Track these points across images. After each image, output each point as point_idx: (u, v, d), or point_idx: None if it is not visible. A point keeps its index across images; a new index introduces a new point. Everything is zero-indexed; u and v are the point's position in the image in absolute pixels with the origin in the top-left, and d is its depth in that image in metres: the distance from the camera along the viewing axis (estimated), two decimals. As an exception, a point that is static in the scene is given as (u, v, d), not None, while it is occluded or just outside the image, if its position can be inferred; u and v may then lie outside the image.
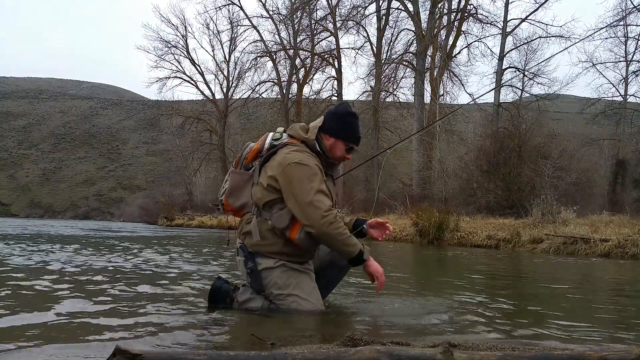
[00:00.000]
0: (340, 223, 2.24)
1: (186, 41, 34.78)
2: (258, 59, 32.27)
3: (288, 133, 2.48)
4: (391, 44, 26.56)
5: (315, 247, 2.41)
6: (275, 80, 32.30)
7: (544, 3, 21.59)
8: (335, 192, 2.47)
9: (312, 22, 29.54)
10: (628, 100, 22.63)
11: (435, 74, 23.59)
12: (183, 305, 2.56)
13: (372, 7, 26.34)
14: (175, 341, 1.80)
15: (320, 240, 2.28)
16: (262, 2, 30.89)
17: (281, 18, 30.89)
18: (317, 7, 29.41)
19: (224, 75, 36.03)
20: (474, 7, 23.74)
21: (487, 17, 23.18)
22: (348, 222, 2.57)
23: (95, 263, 4.52)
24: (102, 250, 6.20)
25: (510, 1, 22.28)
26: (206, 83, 36.22)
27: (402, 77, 26.51)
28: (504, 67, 22.94)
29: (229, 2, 32.05)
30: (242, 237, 2.45)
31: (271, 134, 2.50)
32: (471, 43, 24.01)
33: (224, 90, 36.23)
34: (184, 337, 1.85)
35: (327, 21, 28.84)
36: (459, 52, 24.95)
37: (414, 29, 24.13)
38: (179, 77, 35.38)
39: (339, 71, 29.02)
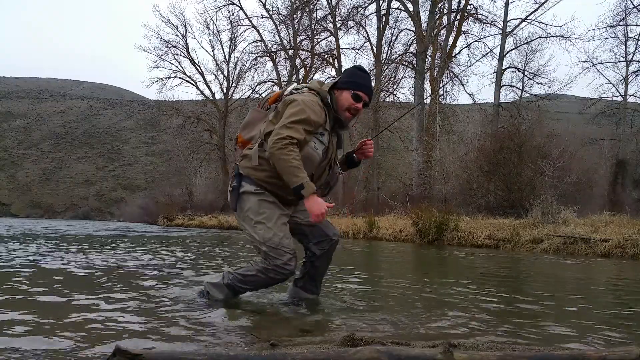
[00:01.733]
0: (292, 154, 2.31)
1: (186, 41, 34.82)
2: (258, 59, 32.30)
3: (307, 86, 2.62)
4: (391, 44, 26.57)
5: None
6: (275, 80, 32.30)
7: (544, 3, 21.58)
8: (332, 151, 2.60)
9: (312, 22, 29.54)
10: (628, 100, 22.62)
11: (435, 74, 23.58)
12: (183, 305, 2.55)
13: (372, 7, 26.35)
14: (175, 341, 1.80)
15: (272, 160, 2.38)
16: (262, 2, 30.92)
17: (281, 18, 30.91)
18: (317, 7, 29.42)
19: (224, 75, 36.07)
20: (474, 7, 23.75)
21: (487, 17, 23.19)
22: (342, 156, 2.78)
23: (95, 262, 4.52)
24: (106, 248, 6.21)
25: (510, 1, 22.29)
26: (206, 83, 36.26)
27: (402, 77, 26.53)
28: (504, 67, 22.94)
29: (229, 2, 32.07)
30: (239, 159, 2.62)
31: (294, 84, 2.68)
32: (471, 43, 24.01)
33: (224, 90, 36.26)
34: (184, 337, 1.85)
35: (327, 21, 28.85)
36: (459, 52, 24.95)
37: (414, 29, 24.13)
38: (179, 77, 35.42)
39: (339, 71, 29.01)
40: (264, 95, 33.49)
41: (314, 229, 2.63)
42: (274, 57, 31.66)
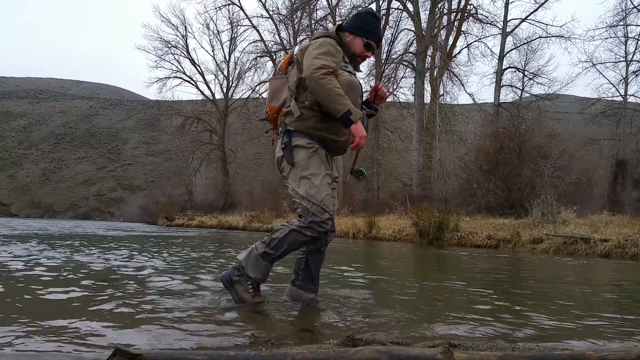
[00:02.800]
0: (334, 82, 2.31)
1: (186, 41, 34.85)
2: (258, 59, 32.31)
3: (314, 37, 2.59)
4: (391, 44, 26.54)
5: (357, 106, 2.49)
6: (276, 80, 32.25)
7: (544, 3, 21.59)
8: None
9: (312, 22, 29.53)
10: (628, 100, 22.62)
11: (435, 74, 23.59)
12: (183, 305, 2.55)
13: (372, 7, 26.34)
14: (175, 341, 1.80)
15: (313, 93, 2.37)
16: (262, 2, 30.93)
17: (281, 18, 30.90)
18: (317, 7, 29.40)
19: (224, 75, 36.08)
20: (474, 7, 23.75)
21: (487, 17, 23.19)
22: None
23: (97, 262, 4.52)
24: (107, 248, 6.21)
25: (510, 1, 22.30)
26: (206, 83, 36.29)
27: (402, 77, 26.51)
28: (504, 67, 22.94)
29: (229, 2, 32.08)
30: (283, 117, 2.58)
31: (299, 45, 2.66)
32: (471, 43, 24.02)
33: (224, 90, 36.28)
34: (184, 337, 1.85)
35: (327, 21, 28.82)
36: (459, 52, 24.95)
37: (414, 29, 24.13)
38: (179, 77, 35.45)
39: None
40: (264, 95, 33.62)
41: None
42: (274, 57, 31.65)
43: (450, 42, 24.17)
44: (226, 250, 7.32)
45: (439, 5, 23.79)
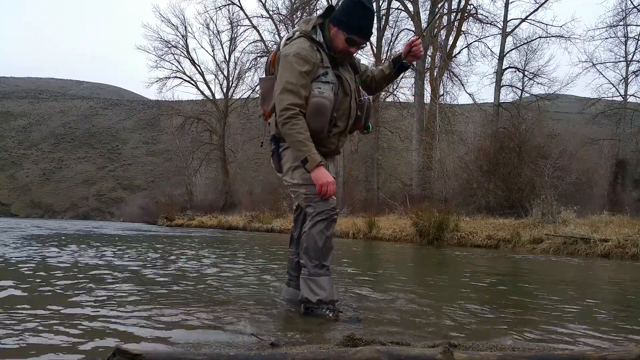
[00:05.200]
0: (296, 127, 2.28)
1: (186, 41, 34.84)
2: (258, 59, 32.28)
3: (298, 30, 2.47)
4: (391, 44, 26.56)
5: (324, 130, 2.39)
6: (276, 80, 32.26)
7: (544, 3, 21.59)
8: (350, 83, 2.47)
9: (312, 22, 29.51)
10: (628, 100, 22.61)
11: (435, 74, 23.58)
12: (183, 304, 2.55)
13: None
14: (175, 341, 1.80)
15: (281, 134, 2.38)
16: (262, 2, 30.92)
17: (281, 18, 30.88)
18: (317, 7, 29.39)
19: (224, 75, 36.08)
20: (474, 7, 23.76)
21: (487, 17, 23.19)
22: (382, 68, 2.65)
23: (98, 261, 4.52)
24: (109, 248, 6.21)
25: (510, 1, 22.30)
26: (206, 83, 36.29)
27: (402, 77, 26.49)
28: (504, 67, 22.95)
29: (229, 2, 32.08)
30: (270, 126, 2.56)
31: (286, 36, 2.54)
32: (471, 43, 24.01)
33: (224, 90, 36.28)
34: (183, 337, 1.85)
35: (327, 21, 28.81)
36: (459, 52, 24.94)
37: (414, 29, 24.13)
38: (179, 77, 35.45)
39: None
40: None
41: None
42: (274, 57, 31.62)
43: (450, 42, 24.18)
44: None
45: (439, 5, 23.79)
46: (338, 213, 2.41)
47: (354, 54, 2.51)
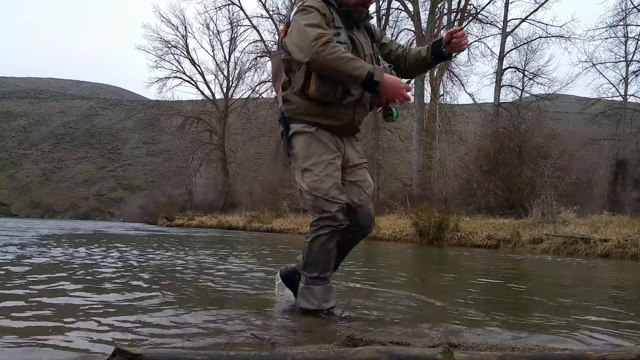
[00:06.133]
0: (337, 47, 2.06)
1: (186, 41, 34.86)
2: (258, 59, 32.32)
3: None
4: (391, 44, 26.56)
5: (336, 94, 2.20)
6: (276, 80, 32.27)
7: (544, 3, 21.60)
8: (364, 48, 2.31)
9: (312, 22, 29.52)
10: (628, 100, 22.63)
11: (435, 74, 23.59)
12: (183, 304, 2.56)
13: (372, 7, 26.30)
14: (175, 341, 1.80)
15: (321, 72, 2.12)
16: (262, 2, 30.94)
17: (281, 18, 30.88)
18: (317, 7, 29.42)
19: (224, 75, 36.10)
20: (474, 7, 23.77)
21: (487, 17, 23.21)
22: (419, 50, 2.42)
23: (99, 260, 4.52)
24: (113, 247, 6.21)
25: (510, 1, 22.32)
26: (206, 83, 36.31)
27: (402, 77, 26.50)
28: (504, 67, 22.96)
29: (229, 2, 32.09)
30: (278, 104, 2.41)
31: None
32: (471, 43, 24.01)
33: (224, 90, 36.30)
34: (184, 337, 1.85)
35: (327, 21, 28.83)
36: (459, 52, 24.95)
37: (414, 29, 24.14)
38: (179, 77, 35.48)
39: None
40: (264, 95, 33.64)
41: (349, 211, 2.29)
42: (274, 57, 31.64)
43: (450, 42, 24.16)
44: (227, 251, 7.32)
45: (439, 5, 23.80)
46: (344, 226, 2.24)
47: (367, 11, 2.35)
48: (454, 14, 24.39)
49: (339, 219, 2.20)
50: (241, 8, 33.32)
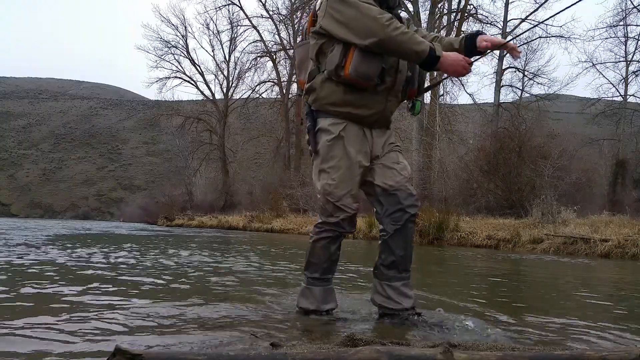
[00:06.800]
0: (401, 24, 1.98)
1: (186, 41, 34.88)
2: (258, 59, 32.36)
3: None
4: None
5: (373, 77, 2.07)
6: (275, 80, 32.35)
7: (544, 3, 21.61)
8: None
9: (312, 22, 29.51)
10: (628, 100, 22.64)
11: (435, 74, 23.57)
12: (183, 304, 2.56)
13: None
14: (175, 341, 1.80)
15: (382, 49, 2.01)
16: (262, 2, 30.96)
17: (281, 18, 30.94)
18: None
19: (224, 76, 36.11)
20: (474, 7, 23.77)
21: (487, 17, 23.22)
22: (451, 42, 2.27)
23: (101, 259, 4.52)
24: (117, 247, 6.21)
25: (510, 1, 22.33)
26: (206, 83, 36.32)
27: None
28: (504, 67, 22.97)
29: (229, 2, 32.11)
30: (306, 96, 2.27)
31: None
32: (471, 43, 23.99)
33: (224, 90, 36.31)
34: (184, 337, 1.86)
35: (327, 21, 28.81)
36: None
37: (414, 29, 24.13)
38: (179, 77, 35.49)
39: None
40: (264, 95, 33.64)
41: (388, 197, 2.17)
42: (274, 57, 31.69)
43: (450, 42, 24.18)
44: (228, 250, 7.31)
45: (439, 5, 23.80)
46: (348, 231, 2.21)
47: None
48: (454, 14, 24.39)
49: (343, 227, 2.18)
50: (241, 8, 33.36)
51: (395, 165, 2.25)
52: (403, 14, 2.23)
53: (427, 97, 23.63)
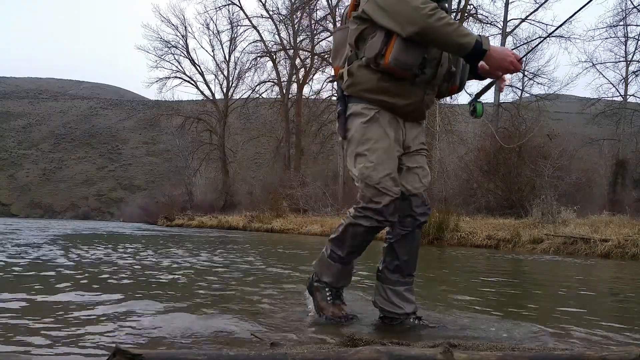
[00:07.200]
0: (444, 13, 1.89)
1: (186, 41, 34.87)
2: (258, 59, 32.34)
3: None
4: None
5: (413, 67, 1.99)
6: (275, 80, 32.35)
7: (544, 3, 21.62)
8: None
9: (312, 22, 29.55)
10: (628, 100, 22.65)
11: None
12: (183, 304, 2.56)
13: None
14: (175, 341, 1.80)
15: (425, 40, 1.93)
16: (262, 2, 30.94)
17: (281, 18, 30.92)
18: (317, 7, 29.41)
19: (224, 76, 36.10)
20: (474, 7, 23.76)
21: (487, 17, 23.22)
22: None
23: (103, 259, 4.52)
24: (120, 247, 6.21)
25: (510, 1, 22.33)
26: (206, 83, 36.31)
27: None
28: (503, 67, 22.93)
29: (229, 2, 32.08)
30: (339, 80, 2.18)
31: None
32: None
33: (224, 90, 36.31)
34: (184, 337, 1.85)
35: (327, 21, 28.84)
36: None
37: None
38: (179, 77, 35.48)
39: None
40: (264, 95, 33.63)
41: (402, 200, 2.10)
42: (274, 57, 31.68)
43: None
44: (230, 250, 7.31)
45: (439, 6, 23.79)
46: (390, 221, 2.08)
47: None
48: (454, 14, 24.37)
49: (385, 215, 2.03)
50: (241, 8, 33.34)
51: (419, 170, 2.19)
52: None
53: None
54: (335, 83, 2.26)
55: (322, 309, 2.22)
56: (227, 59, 35.60)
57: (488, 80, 2.31)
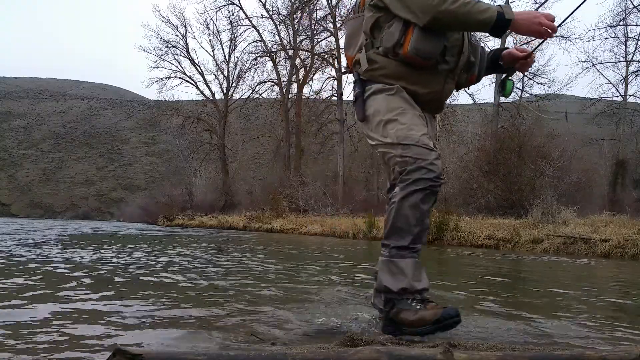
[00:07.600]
0: None
1: (186, 41, 34.89)
2: (258, 59, 32.35)
3: None
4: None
5: (434, 55, 1.93)
6: (275, 80, 32.35)
7: (544, 3, 21.61)
8: None
9: (312, 22, 29.56)
10: (628, 100, 22.65)
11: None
12: (183, 304, 2.56)
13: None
14: (175, 341, 1.80)
15: (444, 26, 1.88)
16: (262, 2, 30.95)
17: (281, 18, 30.93)
18: (317, 7, 29.43)
19: (224, 76, 36.12)
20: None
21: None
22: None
23: (104, 259, 4.52)
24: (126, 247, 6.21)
25: (510, 1, 22.30)
26: (206, 83, 36.33)
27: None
28: (503, 67, 22.95)
29: (229, 2, 32.10)
30: (356, 66, 2.09)
31: None
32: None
33: (224, 90, 36.32)
34: (184, 337, 1.85)
35: (327, 21, 28.86)
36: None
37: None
38: (179, 77, 35.50)
39: (339, 71, 29.01)
40: (264, 95, 33.64)
41: None
42: (274, 57, 31.69)
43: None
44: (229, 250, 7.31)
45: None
46: (442, 183, 1.89)
47: None
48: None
49: (437, 172, 1.84)
50: (241, 8, 33.35)
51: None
52: None
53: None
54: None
55: (420, 320, 1.76)
56: (227, 59, 35.65)
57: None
